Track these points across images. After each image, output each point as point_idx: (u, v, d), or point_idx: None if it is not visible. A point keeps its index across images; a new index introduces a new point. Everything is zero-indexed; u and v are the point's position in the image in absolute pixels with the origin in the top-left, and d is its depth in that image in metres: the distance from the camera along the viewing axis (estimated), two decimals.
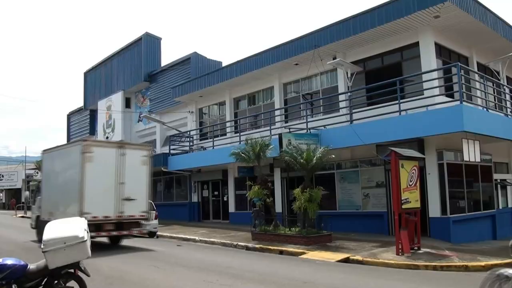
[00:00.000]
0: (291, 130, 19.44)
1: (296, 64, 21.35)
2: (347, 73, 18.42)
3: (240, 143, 20.78)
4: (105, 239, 16.14)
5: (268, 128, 20.97)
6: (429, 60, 16.70)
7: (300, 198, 15.61)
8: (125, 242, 16.77)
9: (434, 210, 15.94)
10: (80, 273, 6.56)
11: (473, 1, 16.60)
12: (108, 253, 13.30)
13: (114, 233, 14.71)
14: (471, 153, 14.88)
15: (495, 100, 18.08)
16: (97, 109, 39.15)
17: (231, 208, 25.44)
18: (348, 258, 12.67)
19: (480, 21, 16.90)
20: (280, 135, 17.84)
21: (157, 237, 19.92)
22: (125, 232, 14.95)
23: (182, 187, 29.76)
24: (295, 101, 22.55)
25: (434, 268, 11.27)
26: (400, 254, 12.65)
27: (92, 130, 41.68)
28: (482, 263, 11.42)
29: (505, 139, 16.70)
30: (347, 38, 18.38)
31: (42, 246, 6.16)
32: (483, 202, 17.78)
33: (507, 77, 20.33)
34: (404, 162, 13.23)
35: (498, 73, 18.94)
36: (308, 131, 18.68)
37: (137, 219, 15.11)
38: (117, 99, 36.24)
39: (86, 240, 6.29)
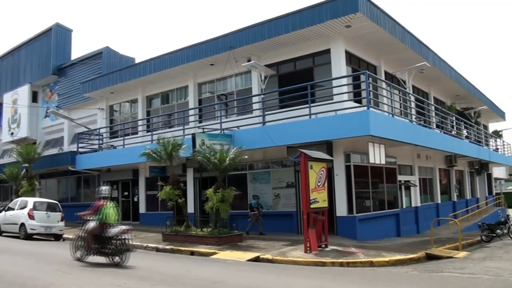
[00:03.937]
0: (205, 130, 19.33)
1: (212, 65, 21.29)
2: (261, 75, 18.68)
3: (152, 142, 20.34)
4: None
5: (182, 127, 20.69)
6: (339, 67, 17.34)
7: (213, 199, 15.61)
8: (29, 246, 15.89)
9: (341, 210, 16.60)
10: None
11: (383, 14, 17.51)
12: (12, 258, 12.50)
13: None
14: (377, 156, 15.72)
15: (400, 107, 19.08)
16: (2, 102, 36.58)
17: (142, 209, 24.82)
18: (258, 257, 12.84)
19: (389, 33, 17.83)
20: (193, 135, 17.71)
21: (64, 240, 18.99)
22: None
23: (91, 187, 28.56)
24: (209, 101, 22.48)
25: (341, 264, 11.74)
26: (308, 252, 13.03)
27: None
28: (386, 259, 12.11)
29: (409, 143, 17.73)
30: (261, 41, 18.61)
31: None
32: (387, 201, 18.82)
33: (412, 86, 21.75)
34: (313, 163, 13.65)
35: (404, 82, 20.11)
36: (222, 131, 18.69)
37: None
38: (23, 92, 34.13)
39: None
